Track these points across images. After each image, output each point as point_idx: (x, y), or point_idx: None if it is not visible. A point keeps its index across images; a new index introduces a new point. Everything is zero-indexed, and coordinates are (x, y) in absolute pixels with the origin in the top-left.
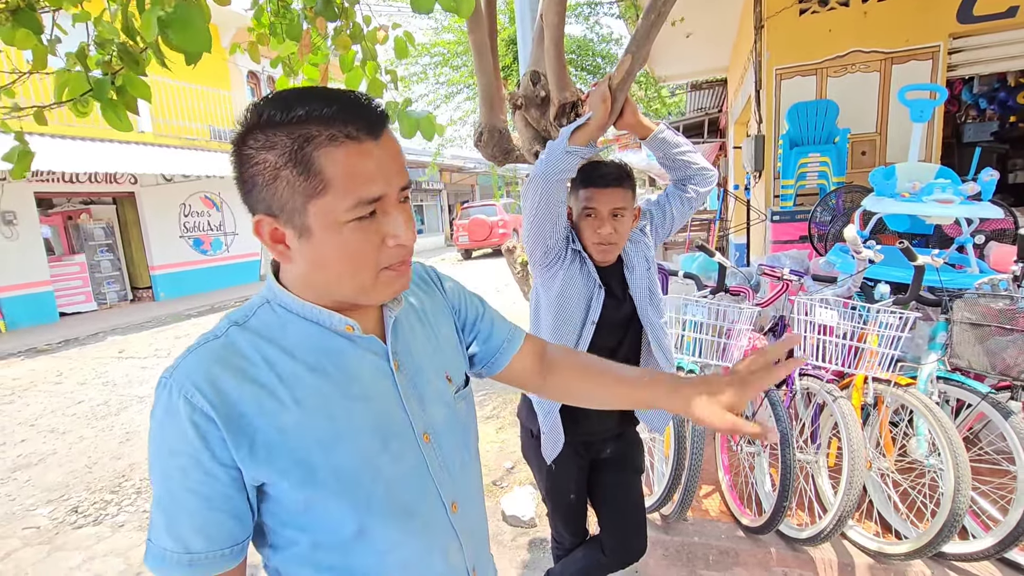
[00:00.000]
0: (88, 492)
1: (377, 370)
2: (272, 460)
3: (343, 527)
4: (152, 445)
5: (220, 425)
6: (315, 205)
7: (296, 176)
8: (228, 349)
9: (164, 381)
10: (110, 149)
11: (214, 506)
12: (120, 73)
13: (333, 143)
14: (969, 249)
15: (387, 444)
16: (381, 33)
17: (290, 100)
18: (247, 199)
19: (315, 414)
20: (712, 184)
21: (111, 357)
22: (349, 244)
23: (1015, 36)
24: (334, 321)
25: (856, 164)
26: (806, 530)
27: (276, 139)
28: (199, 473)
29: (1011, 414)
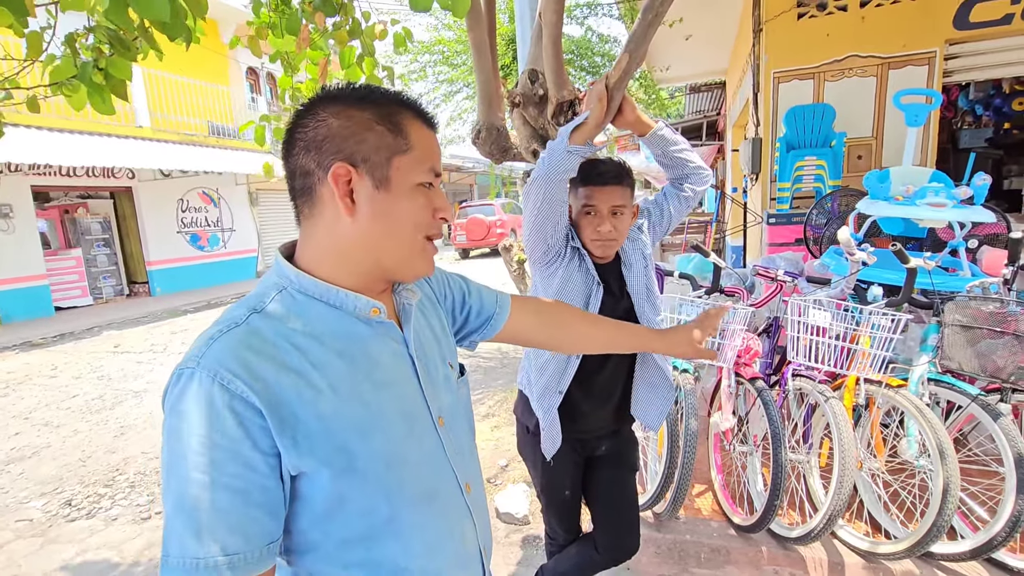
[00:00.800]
0: (82, 485)
1: (396, 355)
2: (314, 449)
3: (375, 516)
4: (173, 442)
5: (264, 412)
6: (399, 160)
7: (387, 132)
8: (254, 336)
9: (189, 371)
10: (108, 143)
11: (251, 501)
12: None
13: (415, 119)
14: (961, 253)
15: (412, 428)
16: (380, 28)
17: (375, 87)
18: (315, 149)
19: (350, 400)
20: (707, 183)
21: (106, 352)
22: (415, 203)
23: (1010, 43)
24: (360, 304)
25: (852, 168)
26: (797, 529)
27: (368, 104)
28: (236, 465)
29: (1000, 416)
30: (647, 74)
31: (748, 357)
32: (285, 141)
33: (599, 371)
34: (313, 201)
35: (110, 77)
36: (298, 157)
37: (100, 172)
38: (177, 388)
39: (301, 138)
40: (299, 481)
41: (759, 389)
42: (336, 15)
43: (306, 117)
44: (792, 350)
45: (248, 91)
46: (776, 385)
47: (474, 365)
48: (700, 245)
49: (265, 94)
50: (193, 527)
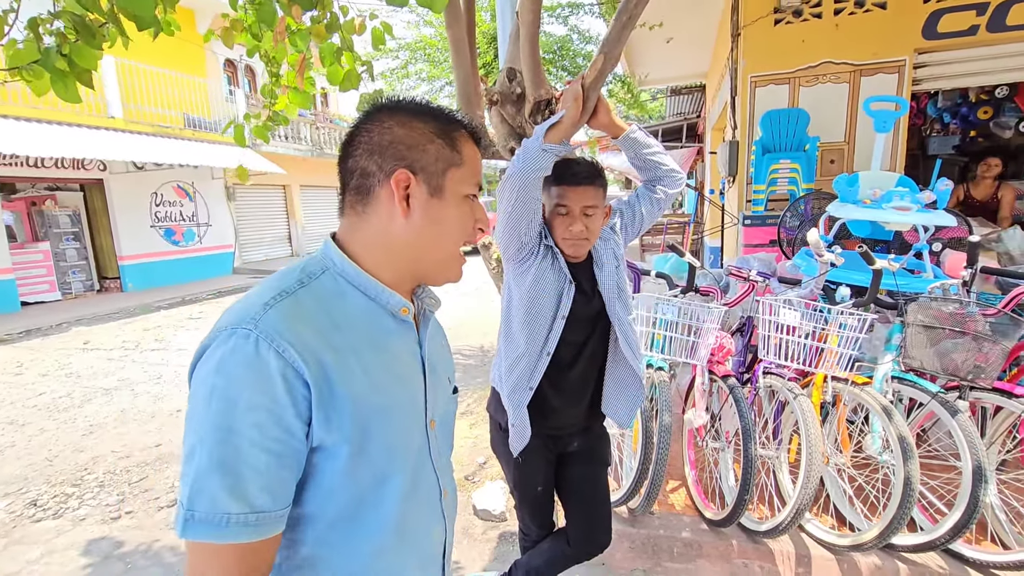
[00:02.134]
0: (48, 485)
1: (412, 355)
2: (343, 425)
3: (366, 500)
4: (215, 401)
5: (310, 384)
6: (453, 172)
7: (445, 147)
8: (304, 308)
9: (246, 332)
10: (78, 134)
11: (285, 464)
12: (72, 44)
13: (466, 137)
14: (925, 255)
15: (417, 422)
16: (358, 21)
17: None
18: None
19: (377, 386)
20: (680, 186)
21: (75, 348)
22: (461, 212)
23: (976, 53)
24: (392, 301)
25: (825, 171)
26: (766, 523)
27: (429, 118)
28: (278, 430)
29: (958, 413)
30: (628, 76)
31: (721, 355)
32: (345, 142)
33: (570, 368)
34: (369, 200)
35: (75, 64)
36: (359, 158)
37: (69, 163)
38: (227, 346)
39: (365, 141)
40: (316, 454)
41: (731, 386)
42: (313, 9)
43: (371, 122)
44: (763, 348)
45: (226, 83)
46: (748, 383)
47: (453, 362)
48: (676, 245)
49: (243, 87)
50: (229, 483)
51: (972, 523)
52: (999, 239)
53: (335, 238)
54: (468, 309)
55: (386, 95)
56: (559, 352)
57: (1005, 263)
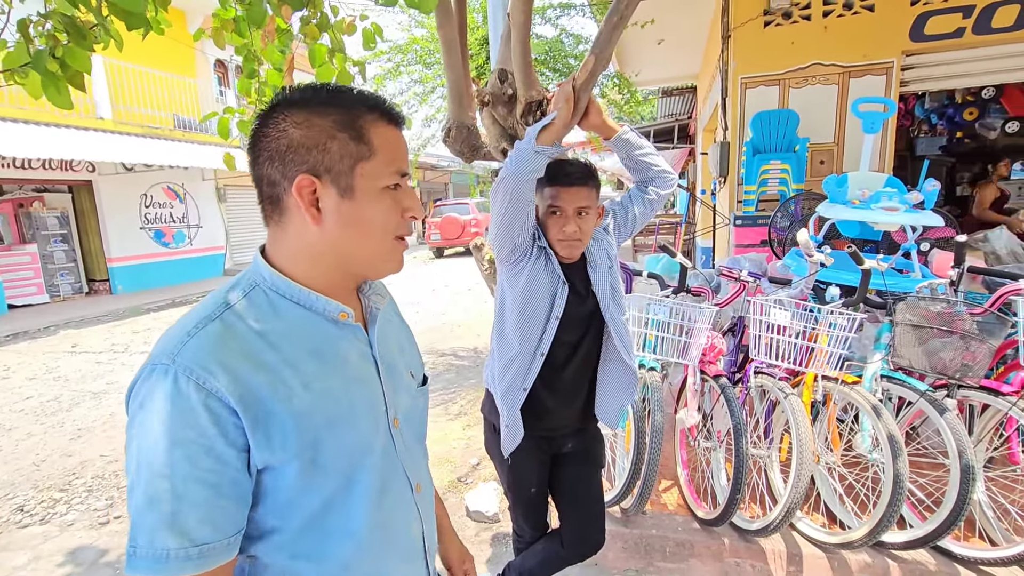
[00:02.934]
0: (35, 491)
1: (362, 356)
2: (287, 444)
3: (332, 506)
4: (143, 438)
5: (238, 410)
6: (362, 168)
7: (350, 140)
8: (229, 333)
9: (164, 367)
10: (66, 135)
11: (223, 493)
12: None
13: (379, 121)
14: (913, 255)
15: (377, 424)
16: (348, 21)
17: (338, 88)
18: (279, 160)
19: (321, 397)
20: (672, 187)
21: (63, 351)
22: (382, 207)
23: (962, 56)
24: (329, 308)
25: (815, 172)
26: (757, 522)
27: (330, 111)
28: (210, 460)
29: (946, 411)
30: (621, 76)
31: (713, 355)
32: (250, 147)
33: (564, 368)
34: (281, 209)
35: (67, 67)
36: (263, 167)
37: (58, 165)
38: (149, 384)
39: (265, 147)
40: (264, 474)
41: (722, 386)
42: (303, 9)
43: (268, 125)
44: (754, 348)
45: (216, 84)
46: (740, 382)
47: (447, 364)
48: (667, 246)
49: (234, 87)
50: (165, 519)
51: (960, 520)
52: (985, 239)
53: (264, 251)
54: (462, 310)
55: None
56: (553, 352)
57: (992, 262)
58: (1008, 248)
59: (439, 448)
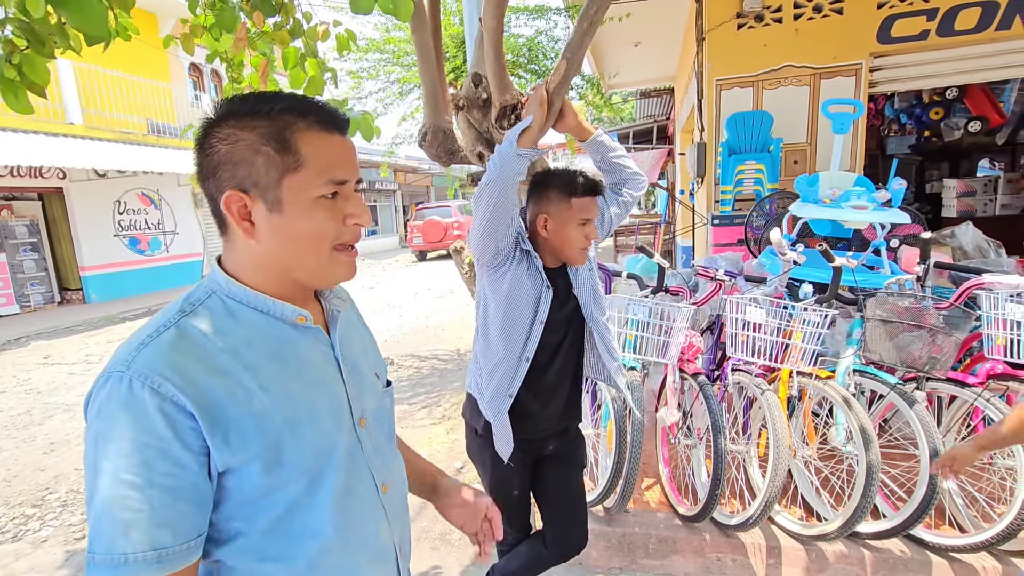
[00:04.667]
0: (6, 507)
1: (324, 358)
2: (247, 446)
3: (296, 508)
4: (100, 444)
5: (195, 413)
6: (289, 180)
7: (275, 153)
8: (185, 339)
9: (119, 375)
10: (35, 141)
11: (180, 497)
12: (21, 52)
13: (310, 129)
14: (883, 252)
15: (340, 424)
16: (322, 28)
17: (269, 95)
18: (212, 177)
19: (281, 399)
20: (643, 189)
21: (35, 363)
22: (315, 218)
23: (927, 57)
24: (286, 312)
25: (789, 172)
26: (737, 517)
27: (257, 122)
28: (167, 464)
29: (915, 403)
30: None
31: (691, 354)
32: (195, 164)
33: (546, 371)
34: (224, 223)
35: (25, 76)
36: (204, 183)
37: (26, 172)
38: (104, 392)
39: (200, 165)
40: (226, 477)
41: (701, 384)
42: (276, 15)
43: (202, 143)
44: (731, 346)
45: (191, 88)
46: (718, 380)
47: (430, 368)
48: (646, 247)
49: (210, 91)
50: (122, 524)
51: (931, 508)
52: (952, 235)
53: (220, 261)
54: (444, 313)
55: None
56: (536, 355)
57: (959, 258)
58: (974, 244)
59: (423, 452)
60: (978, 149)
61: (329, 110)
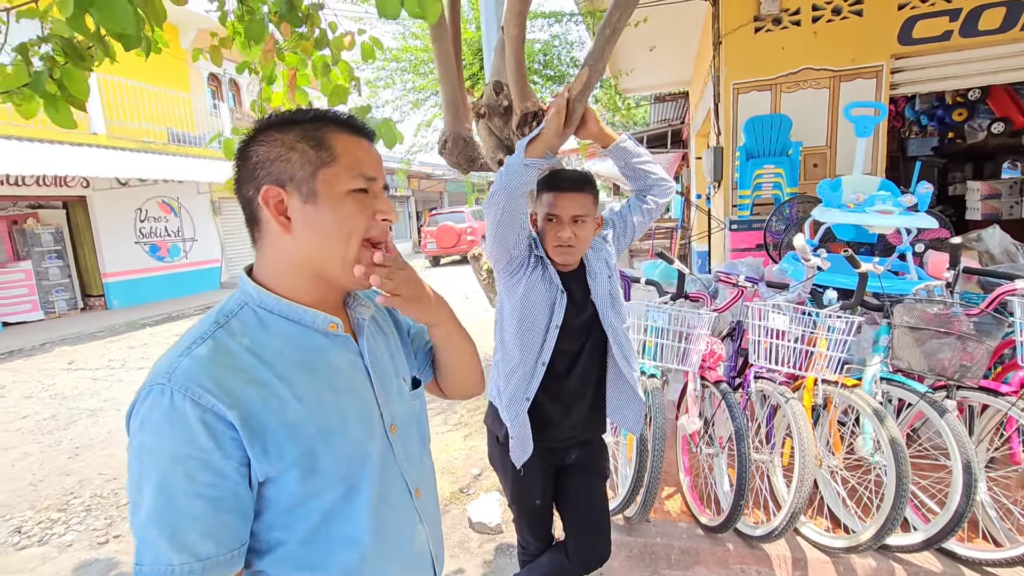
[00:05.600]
0: (33, 511)
1: (353, 365)
2: (283, 455)
3: (333, 515)
4: (144, 456)
5: (235, 424)
6: (324, 173)
7: (310, 148)
8: (221, 351)
9: (161, 387)
10: (60, 151)
11: (223, 507)
12: (61, 67)
13: (342, 130)
14: (909, 257)
15: (372, 431)
16: (347, 39)
17: (302, 110)
18: (251, 178)
19: (314, 408)
20: (670, 195)
21: (59, 368)
22: (346, 210)
23: (950, 58)
24: (317, 320)
25: (809, 175)
26: (761, 528)
27: (292, 125)
28: (209, 475)
29: (946, 412)
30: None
31: (712, 361)
32: (233, 176)
33: (566, 377)
34: (259, 226)
35: (65, 89)
36: (243, 189)
37: (51, 181)
38: (147, 404)
39: (239, 171)
40: (265, 486)
41: (723, 392)
42: (302, 25)
43: (242, 152)
44: (753, 353)
45: (210, 98)
46: (740, 387)
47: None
48: (664, 252)
49: (228, 101)
50: (167, 534)
51: (964, 521)
52: (979, 238)
53: (251, 271)
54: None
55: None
56: (554, 362)
57: (986, 262)
58: (1001, 247)
59: (440, 458)
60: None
61: (358, 121)
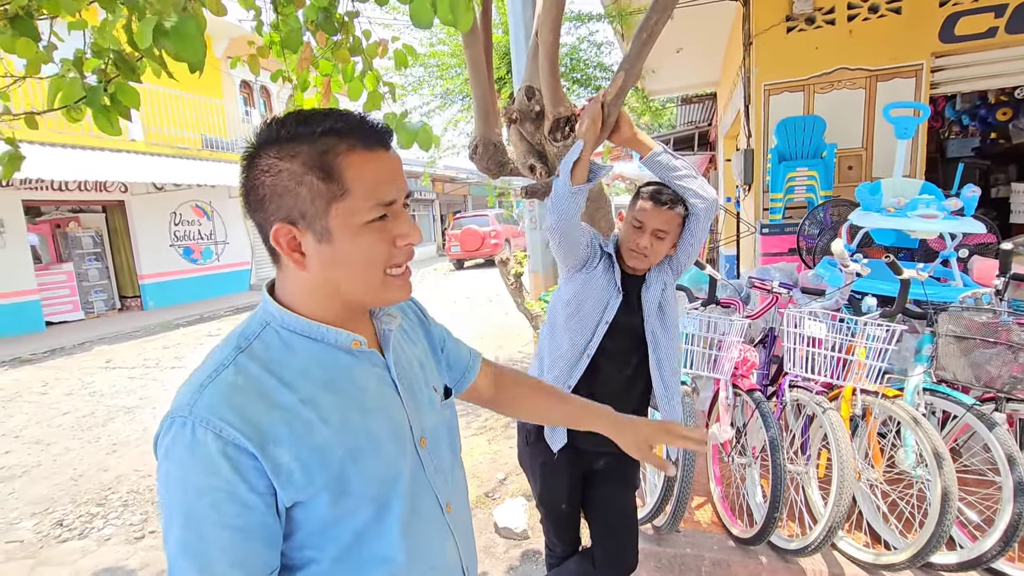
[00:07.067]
0: (73, 505)
1: (381, 381)
2: (312, 480)
3: (365, 534)
4: (170, 487)
5: (256, 454)
6: (337, 208)
7: (319, 182)
8: (243, 377)
9: (183, 420)
10: (100, 157)
11: (251, 536)
12: (114, 81)
13: (352, 151)
14: (953, 263)
15: (403, 449)
16: (380, 47)
17: (307, 117)
18: (260, 209)
19: (341, 430)
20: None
21: (98, 367)
22: (365, 244)
23: (995, 56)
24: (340, 338)
25: (843, 178)
26: (796, 541)
27: (298, 150)
28: (235, 506)
29: (995, 425)
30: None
31: (745, 368)
32: (242, 202)
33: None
34: (275, 252)
35: (117, 101)
36: (252, 214)
37: (92, 186)
38: (169, 436)
39: (247, 197)
40: (294, 510)
41: (757, 400)
42: (337, 34)
43: (246, 173)
44: (789, 361)
45: (242, 104)
46: (773, 396)
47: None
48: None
49: (259, 107)
50: (197, 565)
51: (1014, 541)
52: None
53: (272, 289)
54: (482, 321)
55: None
56: (600, 362)
57: None
58: None
59: (465, 462)
60: None
61: (370, 125)
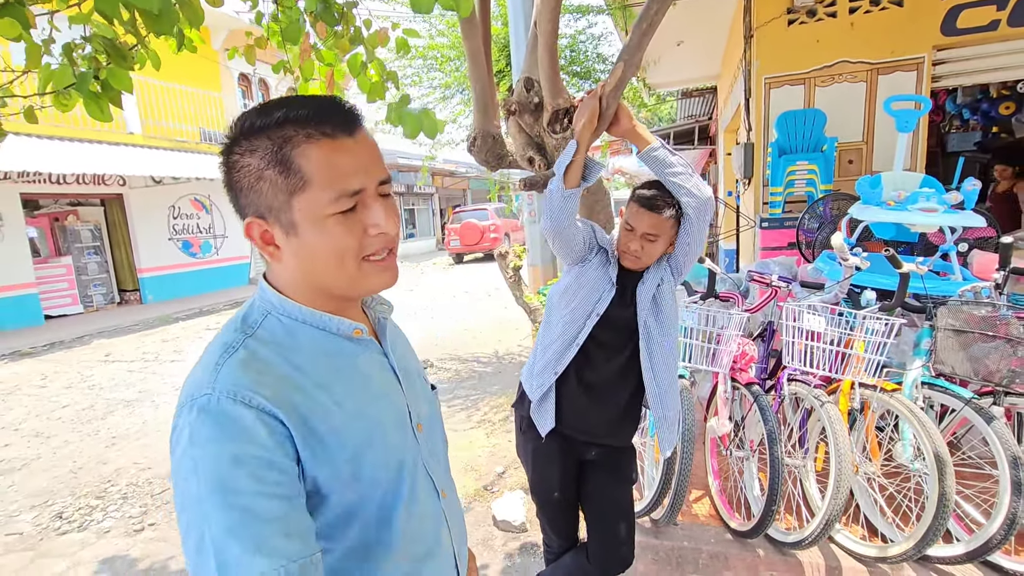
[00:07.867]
0: (73, 497)
1: (382, 368)
2: (332, 461)
3: (372, 523)
4: (201, 472)
5: (288, 424)
6: (299, 201)
7: (278, 175)
8: (255, 359)
9: (206, 397)
10: (98, 150)
11: (296, 505)
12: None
13: (310, 141)
14: (953, 257)
15: (405, 435)
16: (381, 35)
17: (269, 107)
18: (237, 204)
19: (354, 415)
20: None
21: (97, 360)
22: (332, 236)
23: (997, 49)
24: (343, 326)
25: (843, 172)
26: (794, 534)
27: (257, 143)
28: (275, 473)
29: (993, 419)
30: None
31: (744, 362)
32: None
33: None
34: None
35: (108, 87)
36: (234, 209)
37: (91, 179)
38: (191, 418)
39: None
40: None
41: (755, 394)
42: (338, 24)
43: (223, 170)
44: (787, 355)
45: (240, 97)
46: (772, 390)
47: (469, 370)
48: None
49: (258, 100)
50: (253, 544)
51: (1012, 534)
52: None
53: (268, 278)
54: (483, 315)
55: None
56: (591, 352)
57: None
58: None
59: (464, 455)
60: None
61: (330, 109)
